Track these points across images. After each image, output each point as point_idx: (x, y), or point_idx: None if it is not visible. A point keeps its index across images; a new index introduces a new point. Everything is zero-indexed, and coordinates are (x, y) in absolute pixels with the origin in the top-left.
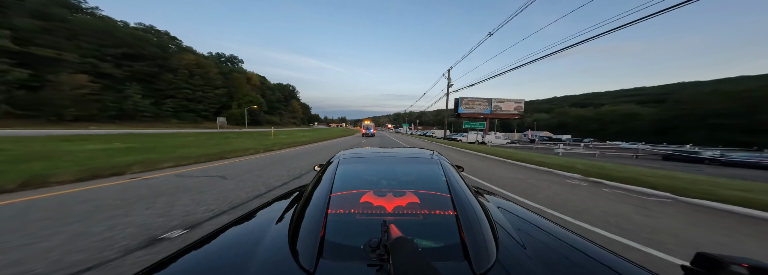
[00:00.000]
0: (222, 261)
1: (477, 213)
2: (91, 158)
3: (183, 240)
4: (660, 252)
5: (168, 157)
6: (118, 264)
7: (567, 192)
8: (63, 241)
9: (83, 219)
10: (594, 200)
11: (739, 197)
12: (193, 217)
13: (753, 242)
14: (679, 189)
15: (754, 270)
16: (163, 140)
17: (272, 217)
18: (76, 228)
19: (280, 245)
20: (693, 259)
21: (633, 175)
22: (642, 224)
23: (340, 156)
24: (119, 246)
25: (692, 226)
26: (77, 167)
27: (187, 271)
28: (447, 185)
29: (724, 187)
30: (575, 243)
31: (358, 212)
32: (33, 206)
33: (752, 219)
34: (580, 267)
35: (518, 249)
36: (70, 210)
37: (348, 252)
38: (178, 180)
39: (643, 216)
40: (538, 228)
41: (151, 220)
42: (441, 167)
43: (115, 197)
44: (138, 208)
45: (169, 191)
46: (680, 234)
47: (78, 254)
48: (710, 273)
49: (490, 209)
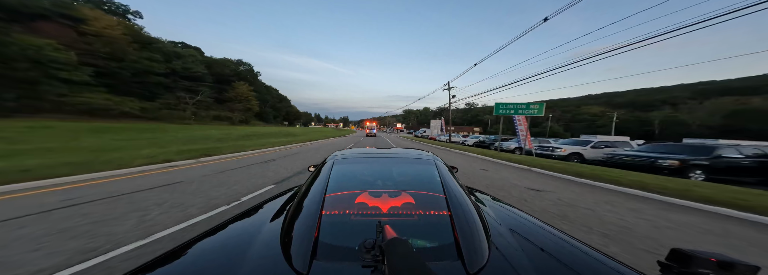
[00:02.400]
0: (213, 263)
1: (471, 213)
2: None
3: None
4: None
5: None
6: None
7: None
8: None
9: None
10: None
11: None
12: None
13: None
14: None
15: (722, 264)
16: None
17: (264, 218)
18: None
19: (272, 246)
20: (668, 255)
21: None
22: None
23: (334, 157)
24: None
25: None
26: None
27: (178, 272)
28: (441, 185)
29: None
30: (566, 243)
31: (353, 213)
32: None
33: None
34: (571, 267)
35: (510, 249)
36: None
37: (342, 253)
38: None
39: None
40: (530, 228)
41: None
42: (435, 167)
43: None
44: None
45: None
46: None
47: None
48: (683, 267)
49: (484, 209)
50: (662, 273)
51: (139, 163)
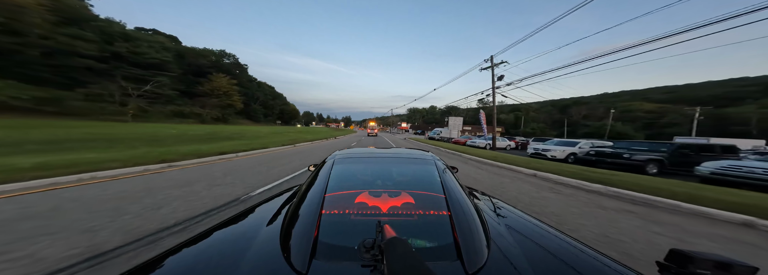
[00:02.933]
0: (211, 262)
1: (470, 213)
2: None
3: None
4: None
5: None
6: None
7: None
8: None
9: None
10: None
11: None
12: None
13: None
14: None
15: (720, 264)
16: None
17: (264, 217)
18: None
19: (271, 245)
20: (667, 255)
21: None
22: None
23: (334, 156)
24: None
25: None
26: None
27: (176, 272)
28: (441, 185)
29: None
30: (565, 243)
31: (353, 212)
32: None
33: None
34: (570, 267)
35: (509, 249)
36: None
37: (342, 253)
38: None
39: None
40: (529, 229)
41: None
42: (435, 167)
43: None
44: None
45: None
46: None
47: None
48: (682, 268)
49: (483, 209)
50: (660, 273)
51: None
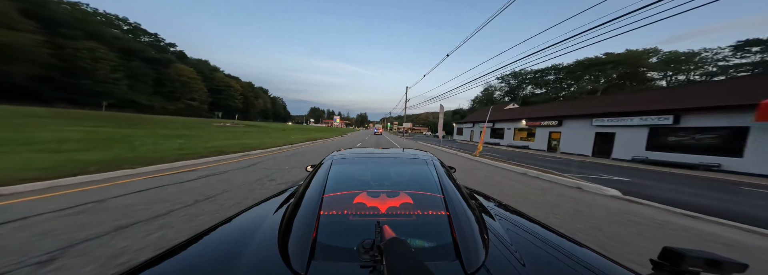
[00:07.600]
0: (209, 263)
1: (468, 213)
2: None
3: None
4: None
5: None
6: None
7: None
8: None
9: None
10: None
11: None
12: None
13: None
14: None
15: (711, 262)
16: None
17: (261, 218)
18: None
19: (269, 246)
20: (660, 254)
21: None
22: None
23: (332, 157)
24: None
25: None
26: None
27: (172, 272)
28: (439, 185)
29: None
30: (563, 243)
31: (352, 213)
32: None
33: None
34: (568, 267)
35: (508, 249)
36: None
37: (340, 254)
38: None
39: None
40: (527, 229)
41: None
42: (433, 167)
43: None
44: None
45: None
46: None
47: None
48: (675, 266)
49: (481, 209)
50: (654, 271)
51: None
